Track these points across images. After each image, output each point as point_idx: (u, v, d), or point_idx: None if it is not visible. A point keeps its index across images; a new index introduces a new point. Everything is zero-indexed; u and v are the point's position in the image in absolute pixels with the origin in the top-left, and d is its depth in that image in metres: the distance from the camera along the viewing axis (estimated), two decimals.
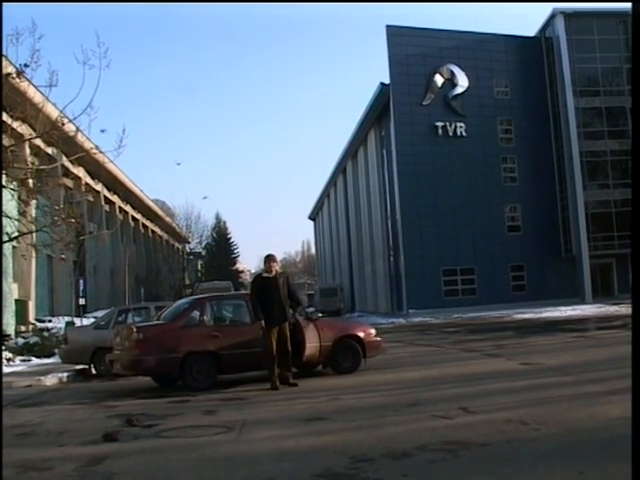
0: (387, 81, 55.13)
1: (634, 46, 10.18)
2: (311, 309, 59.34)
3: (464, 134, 55.03)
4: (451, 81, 55.35)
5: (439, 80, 55.31)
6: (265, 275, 14.69)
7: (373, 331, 16.71)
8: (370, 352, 16.13)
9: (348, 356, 15.81)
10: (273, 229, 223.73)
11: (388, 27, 54.71)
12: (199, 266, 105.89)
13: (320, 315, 24.54)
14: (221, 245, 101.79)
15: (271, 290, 14.25)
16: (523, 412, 9.08)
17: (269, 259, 14.80)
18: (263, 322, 13.99)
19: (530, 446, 7.26)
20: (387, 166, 59.64)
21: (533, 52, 57.20)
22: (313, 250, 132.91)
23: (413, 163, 53.35)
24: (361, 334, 16.24)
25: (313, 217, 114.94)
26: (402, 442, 7.74)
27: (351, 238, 76.60)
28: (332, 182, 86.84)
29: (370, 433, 8.57)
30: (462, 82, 55.44)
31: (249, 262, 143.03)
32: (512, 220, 56.15)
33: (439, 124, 54.79)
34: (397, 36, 54.45)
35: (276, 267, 14.75)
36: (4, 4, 18.75)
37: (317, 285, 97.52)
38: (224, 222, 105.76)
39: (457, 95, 55.39)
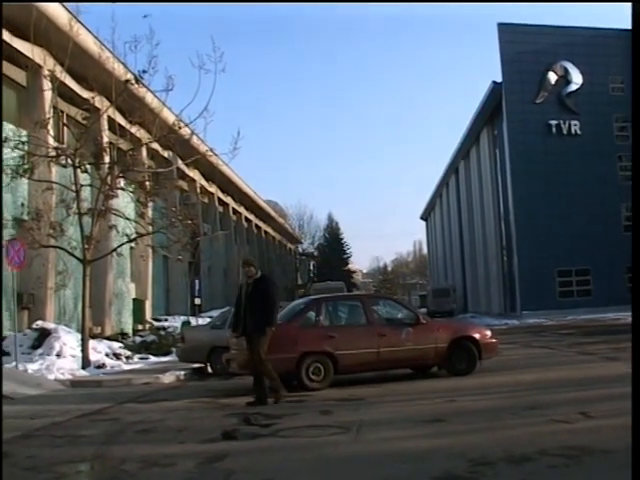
0: (499, 79, 54.42)
1: (634, 46, 9.92)
2: (423, 310, 59.06)
3: (579, 132, 53.84)
4: (565, 78, 54.21)
5: (552, 77, 54.26)
6: (241, 282, 13.84)
7: (489, 332, 16.51)
8: (486, 354, 15.94)
9: (463, 358, 15.67)
10: (385, 229, 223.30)
11: (500, 25, 53.99)
12: (311, 266, 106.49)
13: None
14: (333, 245, 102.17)
15: (245, 298, 13.28)
16: None
17: (243, 264, 13.84)
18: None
19: None
20: (500, 165, 58.82)
21: None
22: (425, 250, 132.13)
23: (527, 162, 52.45)
24: (477, 335, 16.06)
25: (425, 217, 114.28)
26: (521, 446, 7.61)
27: (463, 238, 75.85)
28: (444, 182, 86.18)
29: (488, 436, 8.47)
30: (576, 79, 54.25)
31: (361, 262, 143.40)
32: (629, 220, 54.66)
33: (553, 122, 53.74)
34: (509, 34, 53.66)
35: (252, 271, 13.41)
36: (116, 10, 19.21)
37: (429, 286, 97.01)
38: (336, 222, 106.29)
39: (571, 92, 54.21)
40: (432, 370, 16.25)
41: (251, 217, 72.65)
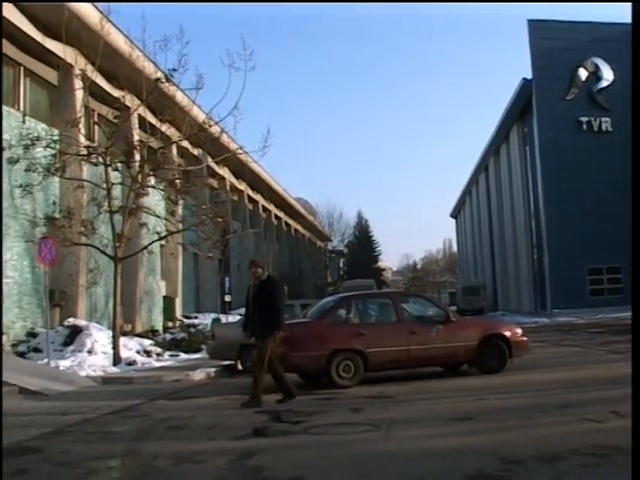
0: (529, 76, 54.09)
1: (634, 46, 9.84)
2: (452, 308, 58.85)
3: (609, 129, 53.36)
4: (595, 74, 53.74)
5: (583, 74, 53.82)
6: (250, 283, 13.61)
7: (519, 330, 16.45)
8: (516, 352, 15.89)
9: (494, 355, 15.64)
10: (415, 227, 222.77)
11: (530, 21, 53.61)
12: (341, 264, 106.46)
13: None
14: (363, 243, 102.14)
15: (252, 299, 13.19)
16: None
17: (250, 264, 13.55)
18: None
19: None
20: (530, 163, 58.44)
21: None
22: (455, 248, 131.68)
23: (557, 160, 52.06)
24: (507, 333, 16.02)
25: (455, 215, 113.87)
26: (553, 445, 7.59)
27: (493, 236, 75.48)
28: (474, 179, 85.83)
29: (519, 434, 8.45)
30: (607, 75, 53.76)
31: (391, 260, 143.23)
32: None
33: (584, 119, 53.30)
34: (539, 30, 53.26)
35: (259, 272, 13.18)
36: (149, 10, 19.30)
37: (459, 283, 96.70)
38: (366, 220, 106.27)
39: (602, 89, 53.72)
40: (462, 368, 16.23)
41: (281, 215, 72.74)
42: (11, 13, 22.38)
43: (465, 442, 8.19)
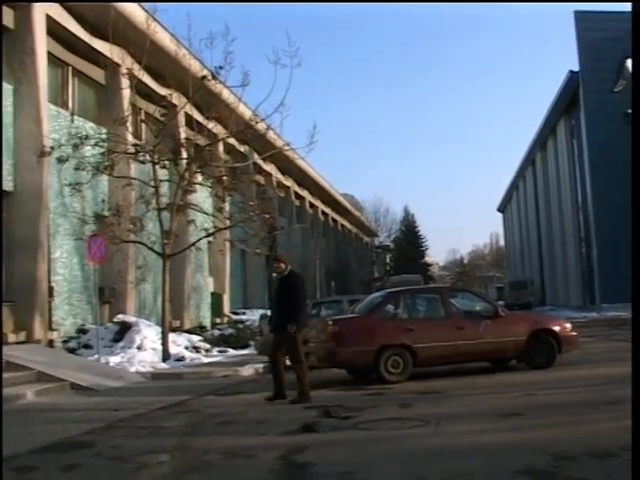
0: (576, 68, 53.48)
1: (634, 46, 9.67)
2: (500, 303, 58.48)
3: None
4: None
5: (631, 65, 53.16)
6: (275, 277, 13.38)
7: (569, 325, 16.29)
8: (566, 347, 15.72)
9: (543, 351, 15.49)
10: (461, 222, 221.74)
11: (576, 12, 53.01)
12: (387, 259, 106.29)
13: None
14: (409, 238, 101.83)
15: (275, 294, 13.32)
16: None
17: (273, 260, 13.51)
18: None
19: None
20: (578, 156, 57.80)
21: None
22: (502, 242, 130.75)
23: (605, 152, 51.32)
24: (557, 328, 15.87)
25: (502, 209, 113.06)
26: (604, 441, 7.50)
27: (541, 230, 74.80)
28: (520, 174, 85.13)
29: (569, 430, 8.38)
30: None
31: (437, 255, 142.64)
32: None
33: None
34: (586, 21, 52.57)
35: (281, 268, 13.04)
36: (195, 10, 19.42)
37: (506, 278, 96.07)
38: (412, 215, 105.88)
39: None
40: (510, 363, 16.12)
41: (327, 210, 72.76)
42: (57, 13, 22.63)
43: (515, 438, 8.14)
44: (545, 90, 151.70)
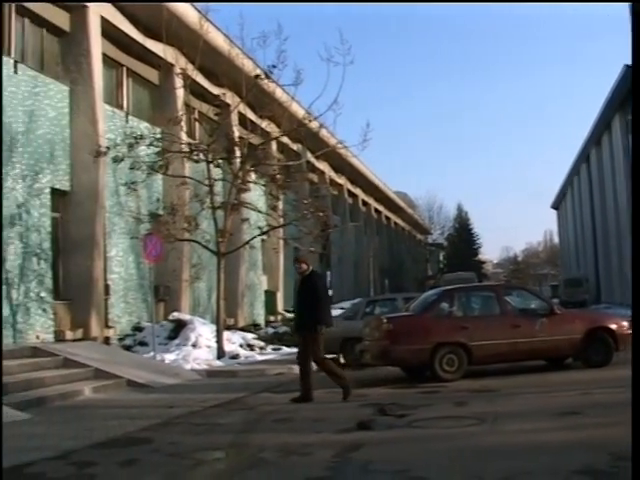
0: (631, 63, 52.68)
1: (634, 46, 9.43)
2: (555, 300, 57.90)
3: None
4: None
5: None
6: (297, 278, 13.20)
7: (626, 323, 15.97)
8: (622, 345, 15.35)
9: (600, 349, 15.28)
10: (515, 219, 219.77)
11: (632, 4, 52.28)
12: (441, 257, 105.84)
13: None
14: (463, 236, 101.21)
15: (298, 294, 13.28)
16: None
17: (295, 260, 13.38)
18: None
19: None
20: (634, 152, 56.95)
21: None
22: (556, 240, 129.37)
23: None
24: (613, 326, 15.61)
25: (556, 206, 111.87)
26: None
27: (596, 227, 73.83)
28: (575, 170, 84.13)
29: (628, 430, 8.25)
30: None
31: (491, 253, 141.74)
32: None
33: None
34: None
35: (303, 268, 12.85)
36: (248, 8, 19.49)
37: (561, 276, 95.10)
38: (466, 212, 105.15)
39: None
40: (566, 362, 15.96)
41: (380, 208, 72.70)
42: (111, 14, 22.92)
43: (572, 437, 8.06)
44: (600, 85, 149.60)
